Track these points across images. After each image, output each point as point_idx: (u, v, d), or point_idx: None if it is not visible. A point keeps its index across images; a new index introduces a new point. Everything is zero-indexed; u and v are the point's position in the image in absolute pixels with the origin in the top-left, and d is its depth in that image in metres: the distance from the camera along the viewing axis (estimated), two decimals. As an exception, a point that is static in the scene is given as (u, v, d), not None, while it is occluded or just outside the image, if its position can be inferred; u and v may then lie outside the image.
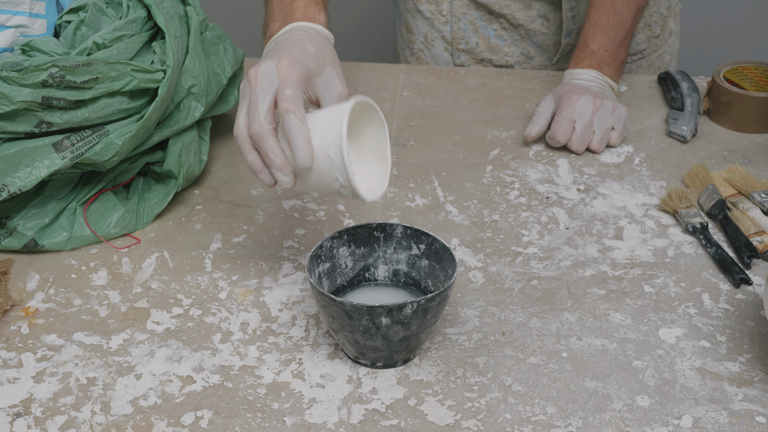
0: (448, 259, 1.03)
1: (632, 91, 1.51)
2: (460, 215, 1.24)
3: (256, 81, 1.01)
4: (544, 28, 1.57)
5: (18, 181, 1.12)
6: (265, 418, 0.96)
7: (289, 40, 1.10)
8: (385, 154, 1.03)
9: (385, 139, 1.03)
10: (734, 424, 0.96)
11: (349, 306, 0.95)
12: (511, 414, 0.96)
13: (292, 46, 1.08)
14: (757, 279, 1.13)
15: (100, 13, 1.22)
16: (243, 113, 1.02)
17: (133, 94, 1.17)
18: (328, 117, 0.98)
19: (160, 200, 1.23)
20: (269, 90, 1.01)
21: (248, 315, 1.08)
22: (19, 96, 1.10)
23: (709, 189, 1.24)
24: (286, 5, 1.17)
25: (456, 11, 1.59)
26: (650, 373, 1.01)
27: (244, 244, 1.19)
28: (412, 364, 1.02)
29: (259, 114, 1.00)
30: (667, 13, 1.61)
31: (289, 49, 1.07)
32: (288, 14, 1.15)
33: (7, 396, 0.98)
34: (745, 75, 1.45)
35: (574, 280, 1.13)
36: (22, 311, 1.09)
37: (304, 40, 1.09)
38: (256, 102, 1.00)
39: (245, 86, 1.03)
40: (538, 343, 1.05)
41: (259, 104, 1.00)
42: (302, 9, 1.15)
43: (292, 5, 1.16)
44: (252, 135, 1.00)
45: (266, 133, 0.99)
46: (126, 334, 1.06)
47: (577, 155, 1.36)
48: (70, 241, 1.17)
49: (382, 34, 2.53)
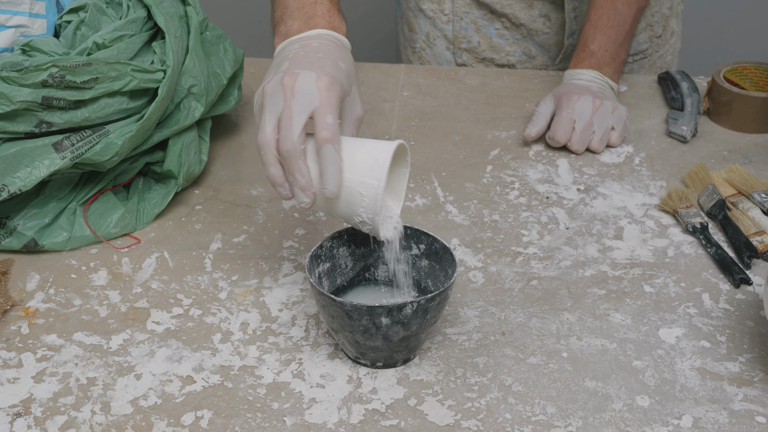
0: (448, 259, 1.03)
1: (632, 91, 1.51)
2: (460, 215, 1.24)
3: (293, 94, 0.99)
4: (545, 28, 1.57)
5: (18, 181, 1.12)
6: (265, 418, 0.96)
7: (320, 50, 1.05)
8: (400, 192, 1.05)
9: (404, 179, 1.04)
10: (734, 424, 0.96)
11: (349, 306, 0.95)
12: (511, 414, 0.96)
13: (325, 59, 1.03)
14: (757, 279, 1.13)
15: (100, 13, 1.22)
16: (271, 123, 0.99)
17: (133, 94, 1.17)
18: (368, 155, 0.98)
19: (160, 200, 1.23)
20: (306, 108, 0.98)
21: (248, 315, 1.08)
22: (19, 96, 1.10)
23: (709, 189, 1.24)
24: (307, 5, 1.12)
25: (458, 10, 1.59)
26: (650, 373, 1.01)
27: (244, 244, 1.19)
28: (412, 364, 1.02)
29: (293, 132, 0.97)
30: (669, 13, 1.61)
31: (323, 62, 1.03)
32: (310, 16, 1.11)
33: (7, 396, 0.98)
34: (745, 75, 1.45)
35: (574, 280, 1.13)
36: (22, 311, 1.09)
37: (336, 55, 1.05)
38: (290, 117, 0.98)
39: (277, 92, 0.99)
40: (538, 343, 1.05)
41: (294, 121, 0.98)
42: (326, 14, 1.11)
43: (314, 8, 1.11)
44: (281, 150, 0.98)
45: (298, 154, 0.97)
46: (126, 334, 1.06)
47: (577, 155, 1.36)
48: (70, 241, 1.17)
49: (383, 33, 2.53)
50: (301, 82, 0.99)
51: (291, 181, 0.99)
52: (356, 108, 1.06)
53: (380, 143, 0.99)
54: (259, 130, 1.00)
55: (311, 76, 1.00)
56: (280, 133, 0.98)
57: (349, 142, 1.00)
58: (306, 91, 0.99)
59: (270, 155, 0.99)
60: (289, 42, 1.09)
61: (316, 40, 1.07)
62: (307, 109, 0.98)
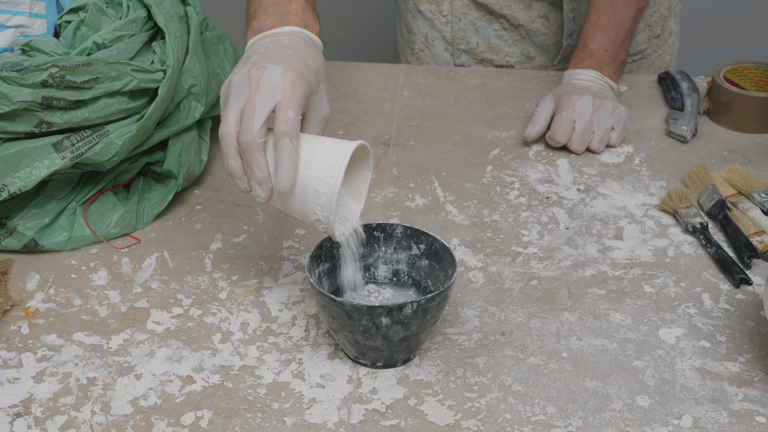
0: (448, 259, 1.03)
1: (632, 91, 1.51)
2: (460, 215, 1.24)
3: (258, 87, 0.99)
4: (544, 29, 1.57)
5: (18, 181, 1.12)
6: (265, 418, 0.96)
7: (290, 46, 1.06)
8: (361, 195, 1.04)
9: (366, 183, 1.04)
10: (734, 424, 0.96)
11: (349, 306, 0.95)
12: (511, 414, 0.96)
13: (294, 56, 1.04)
14: (757, 279, 1.13)
15: (100, 13, 1.22)
16: (234, 114, 0.99)
17: (133, 94, 1.17)
18: (327, 153, 0.97)
19: (160, 200, 1.23)
20: (270, 102, 0.98)
21: (248, 315, 1.08)
22: (19, 96, 1.10)
23: (709, 189, 1.24)
24: (281, 3, 1.12)
25: (456, 11, 1.59)
26: (650, 373, 1.01)
27: (244, 244, 1.19)
28: (412, 364, 1.02)
29: (254, 125, 0.97)
30: (668, 13, 1.61)
31: (292, 58, 1.03)
32: (284, 13, 1.12)
33: (7, 396, 0.98)
34: (745, 75, 1.45)
35: (574, 280, 1.13)
36: (22, 311, 1.09)
37: (306, 52, 1.06)
38: (252, 110, 0.98)
39: (242, 84, 1.00)
40: (538, 343, 1.05)
41: (255, 114, 0.98)
42: (300, 12, 1.12)
43: (288, 5, 1.12)
44: (241, 142, 0.98)
45: (257, 146, 0.97)
46: (126, 334, 1.06)
47: (577, 155, 1.36)
48: (70, 241, 1.17)
49: (382, 34, 2.53)
50: (267, 76, 0.99)
51: (248, 174, 0.99)
52: (323, 108, 1.05)
53: (341, 142, 0.99)
54: (222, 121, 1.00)
55: (278, 70, 1.00)
56: (242, 125, 0.98)
57: (310, 139, 1.00)
58: (271, 84, 0.99)
59: (230, 147, 0.99)
60: (260, 37, 1.09)
61: (288, 37, 1.07)
62: (270, 102, 0.98)
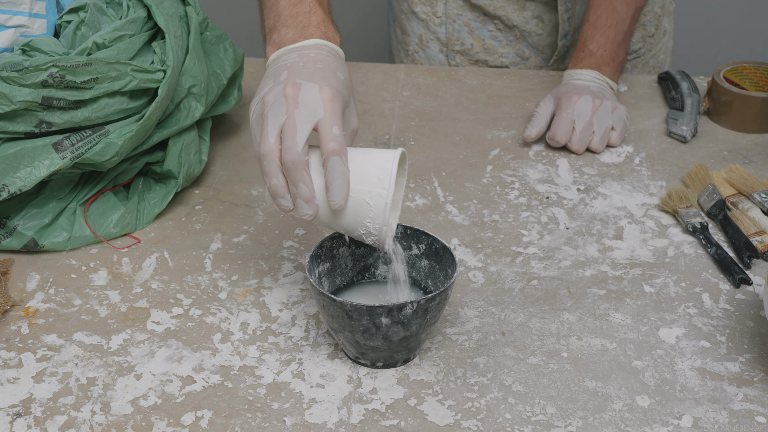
0: (448, 259, 1.03)
1: (632, 91, 1.51)
2: (460, 215, 1.24)
3: (297, 104, 0.97)
4: (538, 29, 1.57)
5: (18, 181, 1.12)
6: (265, 418, 0.96)
7: (318, 60, 1.04)
8: (398, 202, 1.05)
9: (402, 188, 1.04)
10: (734, 424, 0.96)
11: (349, 306, 0.95)
12: (511, 414, 0.96)
13: (326, 70, 1.02)
14: (757, 279, 1.13)
15: (100, 13, 1.22)
16: (274, 133, 0.97)
17: (133, 94, 1.17)
18: (373, 165, 0.98)
19: (160, 200, 1.23)
20: (310, 119, 0.97)
21: (248, 315, 1.08)
22: (19, 96, 1.10)
23: (709, 189, 1.24)
24: (301, 15, 1.10)
25: (451, 12, 1.59)
26: (650, 373, 1.01)
27: (244, 244, 1.19)
28: (412, 364, 1.02)
29: (297, 143, 0.96)
30: (661, 12, 1.61)
31: (324, 73, 1.02)
32: (305, 26, 1.09)
33: (7, 396, 0.98)
34: (745, 75, 1.45)
35: (574, 280, 1.14)
36: (22, 311, 1.09)
37: (334, 65, 1.04)
38: (294, 128, 0.97)
39: (279, 102, 0.98)
40: (538, 343, 1.05)
41: (297, 132, 0.96)
42: (321, 24, 1.09)
43: (309, 18, 1.10)
44: (285, 161, 0.97)
45: (302, 164, 0.96)
46: (126, 334, 1.06)
47: (577, 155, 1.36)
48: (70, 241, 1.17)
49: (376, 37, 2.53)
50: (304, 93, 0.98)
51: (294, 193, 0.98)
52: (353, 120, 1.05)
53: (383, 152, 0.99)
54: (261, 139, 0.98)
55: (314, 87, 0.99)
56: (284, 143, 0.97)
57: (352, 152, 0.99)
58: (310, 101, 0.98)
59: (273, 165, 0.97)
60: (284, 51, 1.07)
61: (314, 51, 1.06)
62: (312, 120, 0.97)
